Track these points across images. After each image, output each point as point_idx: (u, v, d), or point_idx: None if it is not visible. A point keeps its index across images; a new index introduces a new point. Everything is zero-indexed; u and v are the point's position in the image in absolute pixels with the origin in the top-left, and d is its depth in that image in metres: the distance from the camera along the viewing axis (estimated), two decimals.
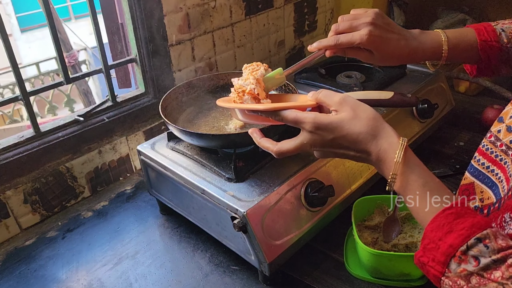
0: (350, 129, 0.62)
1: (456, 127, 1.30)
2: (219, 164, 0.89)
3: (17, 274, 0.91)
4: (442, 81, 1.27)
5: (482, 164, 0.73)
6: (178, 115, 1.02)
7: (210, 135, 0.89)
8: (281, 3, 1.42)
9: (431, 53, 0.90)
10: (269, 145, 0.68)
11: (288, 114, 0.65)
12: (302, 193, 0.85)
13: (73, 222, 1.05)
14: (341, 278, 0.85)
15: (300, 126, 0.64)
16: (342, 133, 0.62)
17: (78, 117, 1.08)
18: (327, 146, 0.64)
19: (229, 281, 0.86)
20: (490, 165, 0.72)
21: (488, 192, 0.71)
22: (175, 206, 0.98)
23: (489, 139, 0.73)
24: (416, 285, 0.81)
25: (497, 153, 0.71)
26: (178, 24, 1.16)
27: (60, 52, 1.03)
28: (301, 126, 0.64)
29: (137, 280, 0.87)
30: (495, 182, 0.70)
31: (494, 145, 0.72)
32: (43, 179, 1.04)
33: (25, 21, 8.89)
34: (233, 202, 0.80)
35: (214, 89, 1.09)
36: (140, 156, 1.00)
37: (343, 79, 1.23)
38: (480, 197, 0.72)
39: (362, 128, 0.62)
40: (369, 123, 0.62)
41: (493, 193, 0.69)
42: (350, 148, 0.63)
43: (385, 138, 0.62)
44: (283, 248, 0.82)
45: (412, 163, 0.62)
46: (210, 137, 0.88)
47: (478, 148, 0.76)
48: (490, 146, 0.73)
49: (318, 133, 0.63)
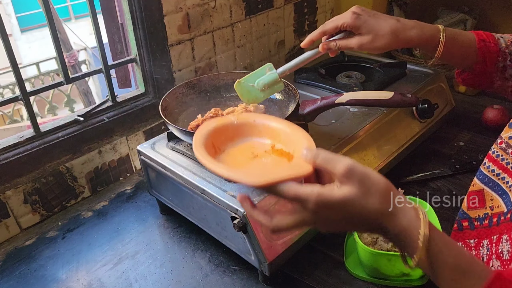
0: (362, 206, 0.53)
1: (456, 127, 1.30)
2: None
3: (17, 274, 0.91)
4: (442, 81, 1.27)
5: (492, 171, 0.72)
6: (178, 115, 1.02)
7: None
8: (281, 3, 1.42)
9: (428, 38, 0.84)
10: (263, 219, 0.58)
11: (287, 190, 0.54)
12: None
13: (73, 222, 1.05)
14: (341, 278, 0.85)
15: (301, 204, 0.55)
16: (352, 212, 0.53)
17: (78, 117, 1.08)
18: (333, 224, 0.56)
19: (229, 281, 0.86)
20: (501, 173, 0.70)
21: (498, 200, 0.69)
22: (175, 206, 0.98)
23: (499, 146, 0.71)
24: (416, 285, 0.81)
25: (508, 161, 0.68)
26: (178, 24, 1.16)
27: (60, 52, 1.03)
28: (303, 204, 0.54)
29: (137, 280, 0.88)
30: (506, 191, 0.68)
31: (505, 152, 0.70)
32: (43, 179, 1.04)
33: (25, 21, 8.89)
34: (233, 202, 0.80)
35: (214, 89, 1.09)
36: (140, 156, 1.00)
37: (343, 79, 1.23)
38: (490, 204, 0.71)
39: (375, 205, 0.53)
40: (382, 199, 0.53)
41: (503, 202, 0.67)
42: (363, 225, 0.56)
43: (403, 213, 0.54)
44: (283, 248, 0.82)
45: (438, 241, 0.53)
46: None
47: (488, 154, 0.73)
48: (501, 153, 0.71)
49: (323, 213, 0.54)
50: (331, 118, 1.06)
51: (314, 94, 1.16)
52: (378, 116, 1.06)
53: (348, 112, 1.08)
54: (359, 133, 1.01)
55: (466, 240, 0.74)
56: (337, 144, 0.96)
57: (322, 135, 1.00)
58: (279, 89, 0.90)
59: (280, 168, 0.61)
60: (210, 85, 1.09)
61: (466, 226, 0.75)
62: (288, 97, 1.02)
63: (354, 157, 0.98)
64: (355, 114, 1.07)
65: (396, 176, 1.08)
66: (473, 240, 0.73)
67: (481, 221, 0.72)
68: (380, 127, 1.06)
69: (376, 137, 1.05)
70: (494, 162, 0.71)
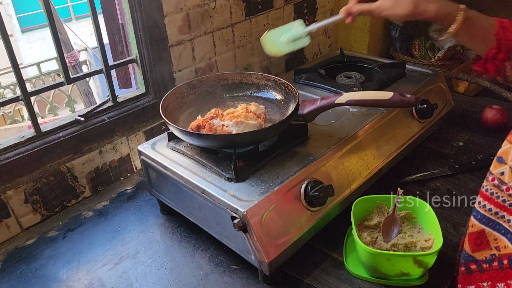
0: None
1: (455, 127, 1.30)
2: (219, 164, 0.89)
3: (18, 273, 0.92)
4: (442, 82, 1.27)
5: (489, 210, 0.71)
6: (178, 115, 1.02)
7: (210, 135, 0.89)
8: (281, 4, 1.43)
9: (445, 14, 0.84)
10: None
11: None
12: (302, 193, 0.86)
13: (74, 221, 1.05)
14: (340, 277, 0.85)
15: None
16: None
17: (79, 117, 1.09)
18: None
19: (229, 281, 0.86)
20: (498, 211, 0.69)
21: (503, 240, 0.68)
22: (175, 206, 0.98)
23: (492, 183, 0.70)
24: (415, 285, 0.82)
25: (504, 198, 0.68)
26: (178, 24, 1.16)
27: (61, 52, 1.04)
28: None
29: (137, 279, 0.88)
30: (509, 230, 0.67)
31: (499, 189, 0.69)
32: (44, 179, 1.04)
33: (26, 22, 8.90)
34: (233, 202, 0.80)
35: (215, 90, 1.10)
36: (140, 156, 1.00)
37: (343, 80, 1.23)
38: (495, 245, 0.70)
39: None
40: None
41: (509, 242, 0.66)
42: None
43: None
44: (283, 248, 0.82)
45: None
46: (211, 137, 0.88)
47: (480, 192, 0.72)
48: (495, 191, 0.70)
49: None
50: (330, 118, 1.06)
51: (314, 95, 1.17)
52: (378, 116, 1.06)
53: (348, 112, 1.09)
54: (358, 133, 1.01)
55: (479, 283, 0.73)
56: (336, 144, 0.96)
57: (321, 135, 1.00)
58: (304, 45, 0.94)
59: None
60: (210, 85, 1.09)
61: (475, 269, 0.74)
62: (288, 97, 1.02)
63: (353, 157, 0.98)
64: (354, 114, 1.08)
65: (395, 176, 1.09)
66: (487, 283, 0.72)
67: (489, 263, 0.72)
68: (380, 127, 1.06)
69: (376, 137, 1.05)
70: (490, 200, 0.70)
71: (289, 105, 1.00)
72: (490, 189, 0.70)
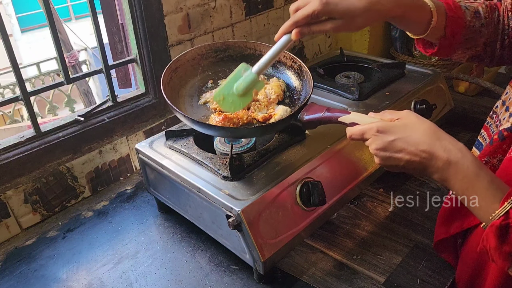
0: (413, 130, 0.66)
1: (455, 127, 1.30)
2: (216, 163, 0.89)
3: (18, 274, 0.91)
4: (441, 82, 1.27)
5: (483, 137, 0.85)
6: (189, 78, 0.99)
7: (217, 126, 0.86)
8: (281, 4, 1.43)
9: (411, 5, 0.77)
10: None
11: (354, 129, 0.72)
12: (297, 193, 0.86)
13: (74, 222, 1.05)
14: (340, 277, 0.85)
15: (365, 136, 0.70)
16: (404, 135, 0.66)
17: (78, 117, 1.09)
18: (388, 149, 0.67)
19: (229, 281, 0.86)
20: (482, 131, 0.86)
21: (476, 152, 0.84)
22: (172, 205, 0.98)
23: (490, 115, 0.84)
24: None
25: (491, 123, 0.84)
26: (178, 24, 1.16)
27: (61, 52, 1.04)
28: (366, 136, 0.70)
29: (137, 279, 0.88)
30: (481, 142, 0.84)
31: (491, 118, 0.83)
32: (43, 179, 1.04)
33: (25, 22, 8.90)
34: (228, 200, 0.80)
35: (239, 57, 1.03)
36: (138, 155, 1.00)
37: (342, 79, 1.23)
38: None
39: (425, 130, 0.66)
40: (431, 127, 0.67)
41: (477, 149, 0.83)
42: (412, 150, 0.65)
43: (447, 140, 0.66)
44: (278, 247, 0.82)
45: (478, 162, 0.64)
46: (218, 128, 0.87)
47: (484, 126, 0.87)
48: (489, 120, 0.84)
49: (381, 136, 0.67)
50: None
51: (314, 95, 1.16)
52: None
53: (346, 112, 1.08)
54: None
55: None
56: (335, 143, 0.96)
57: (318, 134, 0.99)
58: (261, 88, 0.82)
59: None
60: (236, 51, 1.03)
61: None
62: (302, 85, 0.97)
63: (352, 156, 0.98)
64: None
65: (395, 176, 1.09)
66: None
67: None
68: None
69: None
70: (484, 128, 0.85)
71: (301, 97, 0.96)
72: (489, 122, 0.83)
